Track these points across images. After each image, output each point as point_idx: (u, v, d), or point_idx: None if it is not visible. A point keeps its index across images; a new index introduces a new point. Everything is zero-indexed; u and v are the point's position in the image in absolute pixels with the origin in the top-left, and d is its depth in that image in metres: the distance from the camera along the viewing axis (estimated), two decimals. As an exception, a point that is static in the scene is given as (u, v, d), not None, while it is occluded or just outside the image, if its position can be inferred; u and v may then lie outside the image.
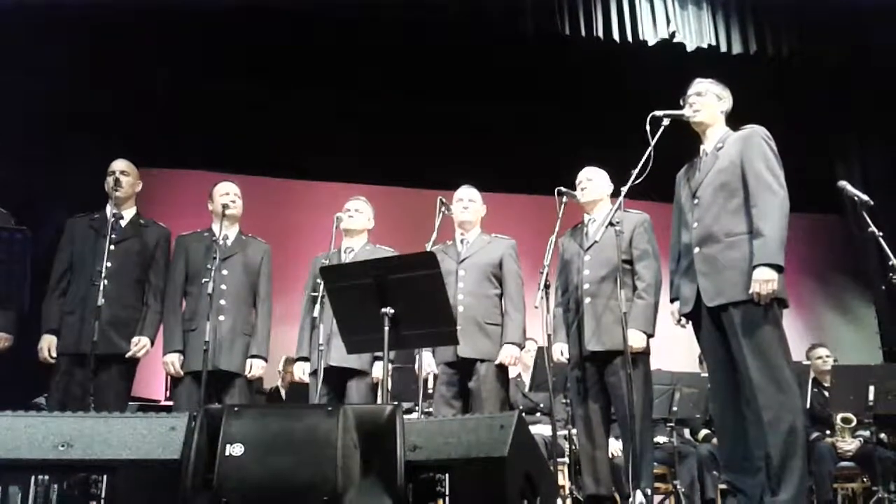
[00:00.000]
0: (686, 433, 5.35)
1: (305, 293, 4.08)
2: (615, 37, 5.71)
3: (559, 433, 4.61)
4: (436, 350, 3.93)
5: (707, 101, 3.34)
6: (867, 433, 4.82)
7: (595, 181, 3.91)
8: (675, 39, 5.78)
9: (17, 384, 4.16)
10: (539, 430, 4.86)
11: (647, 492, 3.46)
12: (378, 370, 3.79)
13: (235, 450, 2.10)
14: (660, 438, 4.89)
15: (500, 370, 3.88)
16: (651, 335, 3.67)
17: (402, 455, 2.16)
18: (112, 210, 3.88)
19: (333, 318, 3.02)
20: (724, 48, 5.92)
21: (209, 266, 3.76)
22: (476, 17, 5.73)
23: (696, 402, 4.73)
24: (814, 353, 5.52)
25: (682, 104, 3.37)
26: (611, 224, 3.52)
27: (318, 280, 3.40)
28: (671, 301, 3.49)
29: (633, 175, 3.32)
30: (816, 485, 4.65)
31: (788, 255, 3.04)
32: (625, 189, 3.38)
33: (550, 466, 3.68)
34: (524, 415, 2.44)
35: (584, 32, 5.71)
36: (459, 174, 4.44)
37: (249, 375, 3.87)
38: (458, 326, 3.30)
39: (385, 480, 2.14)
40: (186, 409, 3.47)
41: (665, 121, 3.32)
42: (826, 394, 5.08)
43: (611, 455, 3.95)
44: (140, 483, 2.19)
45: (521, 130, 6.98)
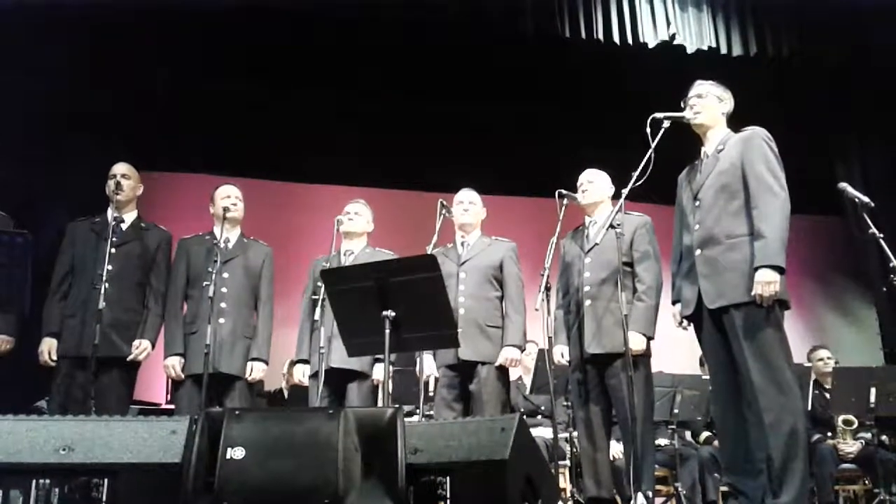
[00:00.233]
0: (687, 435, 5.34)
1: (305, 296, 4.08)
2: (615, 39, 5.70)
3: (560, 435, 4.61)
4: (437, 353, 3.94)
5: (708, 103, 3.34)
6: (868, 435, 4.83)
7: (596, 183, 3.91)
8: (676, 41, 5.77)
9: (18, 387, 4.17)
10: (540, 433, 4.87)
11: (649, 494, 3.46)
12: (379, 373, 3.79)
13: (236, 453, 2.11)
14: (661, 441, 4.88)
15: (501, 373, 3.89)
16: (651, 337, 3.67)
17: (403, 458, 2.16)
18: (113, 213, 3.88)
19: (334, 320, 3.02)
20: (725, 50, 5.91)
21: (210, 269, 3.76)
22: (476, 18, 5.71)
23: (698, 405, 4.71)
24: (815, 355, 5.51)
25: (683, 106, 3.37)
26: (611, 226, 3.52)
27: (319, 283, 3.39)
28: (672, 303, 3.49)
29: (634, 177, 3.33)
30: (818, 487, 4.64)
31: (789, 257, 3.03)
32: (625, 191, 3.38)
33: (551, 469, 3.68)
34: (525, 417, 2.44)
35: (585, 34, 5.70)
36: (459, 175, 4.45)
37: (250, 378, 3.87)
38: (459, 329, 3.29)
39: (386, 483, 2.14)
40: (187, 413, 3.45)
41: (665, 123, 3.32)
42: (827, 396, 5.08)
43: (612, 457, 3.94)
44: (141, 487, 2.19)
45: (522, 132, 6.97)
